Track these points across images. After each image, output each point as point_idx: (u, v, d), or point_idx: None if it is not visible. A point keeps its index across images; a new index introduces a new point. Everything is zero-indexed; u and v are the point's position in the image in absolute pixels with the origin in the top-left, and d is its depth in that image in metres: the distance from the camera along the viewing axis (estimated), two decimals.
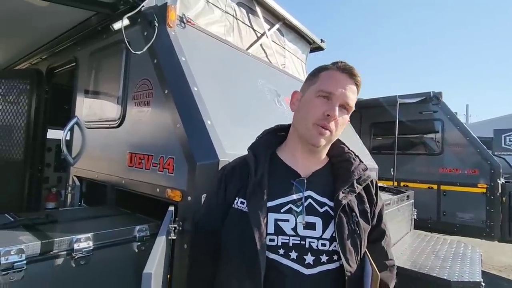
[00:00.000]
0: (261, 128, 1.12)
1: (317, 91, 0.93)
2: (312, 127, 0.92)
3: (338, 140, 1.04)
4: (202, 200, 1.33)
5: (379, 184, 1.18)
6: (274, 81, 2.48)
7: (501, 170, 4.55)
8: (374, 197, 1.02)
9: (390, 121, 4.87)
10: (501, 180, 4.51)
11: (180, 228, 1.39)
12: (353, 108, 0.95)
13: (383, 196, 2.89)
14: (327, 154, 1.04)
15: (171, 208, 1.36)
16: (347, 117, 0.96)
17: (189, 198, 1.40)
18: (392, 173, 4.46)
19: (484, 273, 2.86)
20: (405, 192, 3.31)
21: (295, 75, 3.13)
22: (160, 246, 0.94)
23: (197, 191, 1.38)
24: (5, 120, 3.01)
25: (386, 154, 5.03)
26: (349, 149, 1.05)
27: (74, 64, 2.53)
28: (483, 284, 2.11)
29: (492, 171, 4.51)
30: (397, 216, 2.91)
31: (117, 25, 1.96)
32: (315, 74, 0.99)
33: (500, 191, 4.44)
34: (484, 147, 4.74)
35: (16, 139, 2.95)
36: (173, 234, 1.33)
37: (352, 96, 0.93)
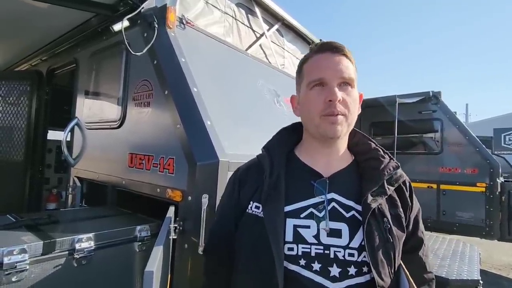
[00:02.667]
0: (261, 128, 1.12)
1: (307, 84, 0.85)
2: (321, 121, 0.82)
3: (363, 135, 0.95)
4: (203, 200, 1.34)
5: None
6: (273, 82, 2.49)
7: (500, 169, 4.55)
8: (409, 200, 0.89)
9: (389, 121, 4.88)
10: (501, 179, 4.52)
11: (181, 228, 1.40)
12: (355, 79, 0.84)
13: None
14: (352, 152, 0.93)
15: (172, 208, 1.37)
16: (354, 91, 0.84)
17: (190, 198, 1.41)
18: None
19: (483, 272, 2.88)
20: None
21: (295, 76, 3.14)
22: (161, 245, 0.95)
23: (197, 191, 1.39)
24: (6, 122, 3.02)
25: None
26: (376, 145, 0.92)
27: (74, 65, 2.54)
28: (481, 282, 2.12)
29: (491, 170, 4.52)
30: None
31: (117, 27, 1.97)
32: (300, 70, 0.92)
33: (499, 190, 4.45)
34: (483, 146, 4.75)
35: (17, 140, 2.96)
36: (173, 234, 1.35)
37: (345, 68, 0.82)
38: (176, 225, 1.38)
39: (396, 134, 4.53)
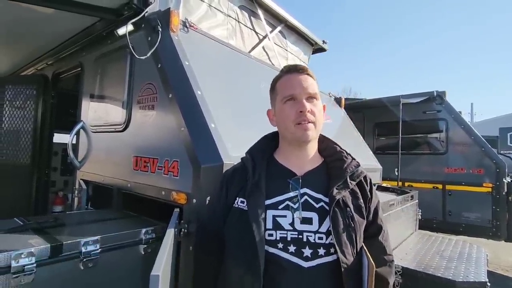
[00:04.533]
0: (264, 130, 1.16)
1: (281, 99, 1.04)
2: (295, 129, 1.00)
3: (330, 141, 1.14)
4: (207, 202, 1.35)
5: (383, 185, 1.22)
6: None
7: (506, 169, 4.50)
8: (369, 193, 1.06)
9: (393, 121, 4.85)
10: (507, 179, 4.47)
11: (186, 230, 1.40)
12: (318, 93, 1.05)
13: (387, 197, 2.89)
14: (322, 155, 1.11)
15: (177, 210, 1.38)
16: (319, 102, 1.05)
17: (194, 200, 1.42)
18: (396, 173, 4.44)
19: (490, 273, 2.85)
20: (409, 192, 3.30)
21: None
22: (166, 248, 0.95)
23: (202, 194, 1.39)
24: (13, 125, 3.06)
25: (390, 154, 5.01)
26: (341, 148, 1.12)
27: (80, 69, 2.57)
28: (489, 284, 2.09)
29: (498, 170, 4.47)
30: (402, 216, 2.90)
31: (121, 31, 1.99)
32: (273, 87, 1.11)
33: (506, 190, 4.40)
34: (489, 146, 4.70)
35: (23, 143, 3.00)
36: (179, 237, 1.35)
37: (310, 85, 1.03)
38: (181, 228, 1.38)
39: (400, 135, 4.51)
